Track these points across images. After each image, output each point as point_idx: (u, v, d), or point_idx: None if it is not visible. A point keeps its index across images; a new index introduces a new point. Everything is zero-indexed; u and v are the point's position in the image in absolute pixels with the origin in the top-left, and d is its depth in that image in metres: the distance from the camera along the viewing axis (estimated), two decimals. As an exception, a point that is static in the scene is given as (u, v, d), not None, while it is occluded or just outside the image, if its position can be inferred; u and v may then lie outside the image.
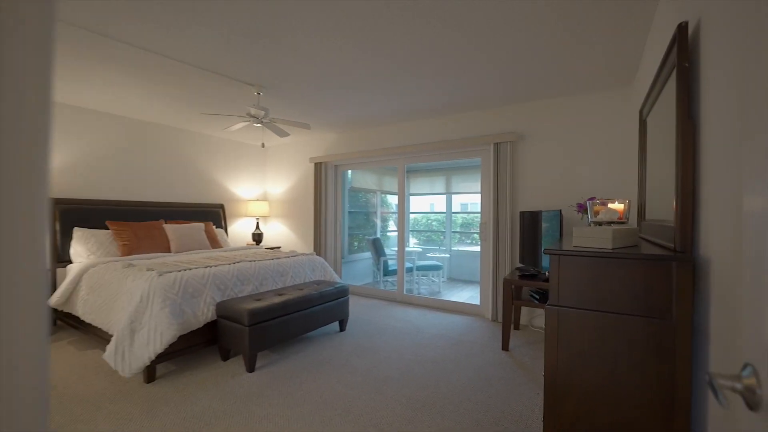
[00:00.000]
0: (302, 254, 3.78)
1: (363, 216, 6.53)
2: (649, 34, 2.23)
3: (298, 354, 2.78)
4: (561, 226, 2.65)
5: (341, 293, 3.24)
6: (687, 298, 1.13)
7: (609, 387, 1.25)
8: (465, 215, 7.40)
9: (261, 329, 2.51)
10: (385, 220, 7.00)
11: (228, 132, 4.78)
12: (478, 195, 7.09)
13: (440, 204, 7.59)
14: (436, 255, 6.47)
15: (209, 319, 2.60)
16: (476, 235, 7.13)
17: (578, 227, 1.46)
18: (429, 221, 7.82)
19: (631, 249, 1.37)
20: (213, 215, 4.83)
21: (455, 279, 6.50)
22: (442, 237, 7.42)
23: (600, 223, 1.88)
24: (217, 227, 4.83)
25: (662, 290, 1.17)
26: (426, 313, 3.94)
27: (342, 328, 3.33)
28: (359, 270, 6.03)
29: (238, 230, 5.39)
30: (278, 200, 5.63)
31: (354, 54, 2.52)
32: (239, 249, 4.22)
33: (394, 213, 7.06)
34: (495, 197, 3.64)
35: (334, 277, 3.81)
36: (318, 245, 5.01)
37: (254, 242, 5.24)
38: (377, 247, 5.35)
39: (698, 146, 1.22)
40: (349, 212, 5.78)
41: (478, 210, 7.26)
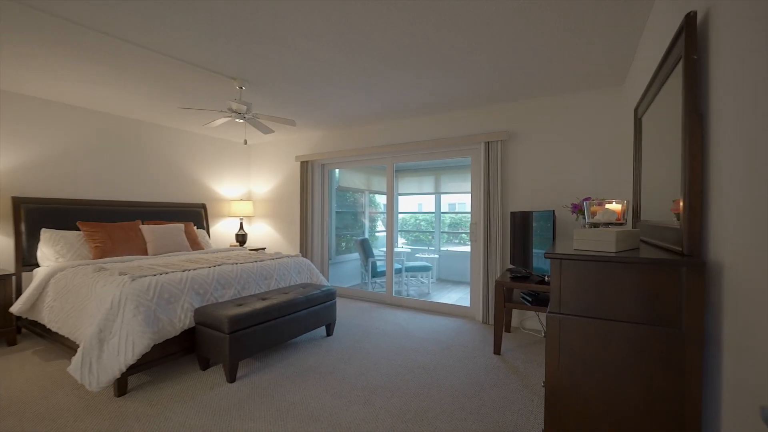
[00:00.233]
0: (287, 256, 3.64)
1: (351, 216, 6.41)
2: (644, 32, 2.19)
3: (283, 361, 2.65)
4: (554, 227, 2.59)
5: (328, 297, 3.12)
6: (698, 306, 1.06)
7: (613, 399, 1.17)
8: (453, 215, 7.36)
9: (242, 337, 2.37)
10: (373, 221, 6.89)
11: (209, 128, 4.60)
12: (467, 195, 7.11)
13: (428, 204, 7.52)
14: (425, 255, 6.39)
15: (187, 327, 2.44)
16: (464, 235, 7.09)
17: (579, 229, 1.38)
18: (417, 221, 7.75)
19: (633, 252, 1.30)
20: (194, 215, 4.64)
21: (444, 280, 6.44)
22: (430, 237, 7.36)
23: (597, 225, 1.82)
24: (199, 228, 4.64)
25: (670, 297, 1.10)
26: (415, 316, 3.85)
27: (329, 333, 3.21)
28: (347, 271, 5.91)
29: (221, 231, 5.20)
30: (263, 200, 5.46)
31: (341, 47, 2.40)
32: (221, 251, 4.04)
33: (383, 213, 6.96)
34: (485, 197, 3.57)
35: (321, 280, 3.68)
36: (304, 246, 4.87)
37: (238, 243, 5.06)
38: (365, 248, 5.23)
39: (707, 143, 1.15)
40: (337, 212, 5.65)
41: (466, 210, 7.27)
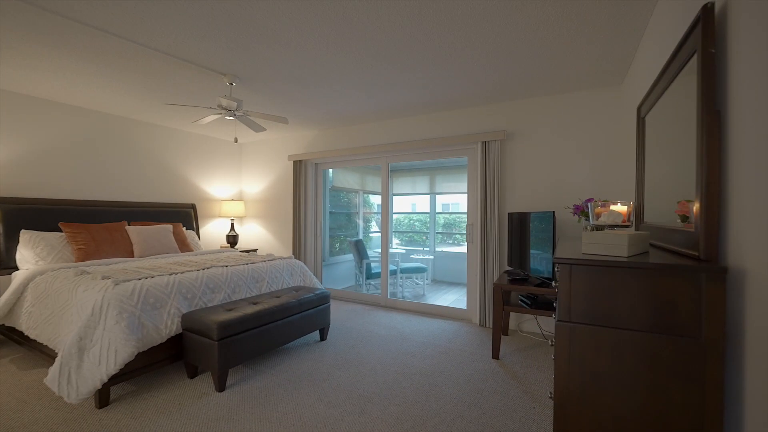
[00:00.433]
0: (280, 258, 3.54)
1: (344, 216, 6.31)
2: (647, 30, 2.14)
3: (275, 368, 2.55)
4: (554, 229, 2.53)
5: (322, 300, 3.03)
6: (719, 315, 0.99)
7: (627, 414, 1.10)
8: (447, 215, 7.29)
9: (232, 343, 2.26)
10: (367, 221, 6.80)
11: (198, 126, 4.47)
12: (462, 195, 7.06)
13: (421, 204, 7.46)
14: (420, 257, 6.32)
15: (174, 333, 2.33)
16: (458, 236, 7.04)
17: (588, 232, 1.32)
18: (411, 221, 7.67)
19: (643, 256, 1.24)
20: (183, 216, 4.50)
21: (439, 281, 6.38)
22: (424, 237, 7.29)
23: (601, 227, 1.76)
24: (188, 229, 4.50)
25: (688, 305, 1.03)
26: (411, 319, 3.77)
27: (323, 337, 3.11)
28: (340, 273, 5.81)
29: (212, 232, 5.07)
30: (255, 200, 5.34)
31: (336, 44, 2.31)
32: (211, 252, 3.92)
33: (377, 213, 6.88)
34: (482, 198, 3.51)
35: (315, 283, 3.59)
36: (297, 248, 4.76)
37: (229, 245, 4.93)
38: (360, 250, 5.14)
39: (726, 141, 1.09)
40: (330, 213, 5.55)
41: (461, 210, 7.22)
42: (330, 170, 5.27)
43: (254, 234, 5.34)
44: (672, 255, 1.27)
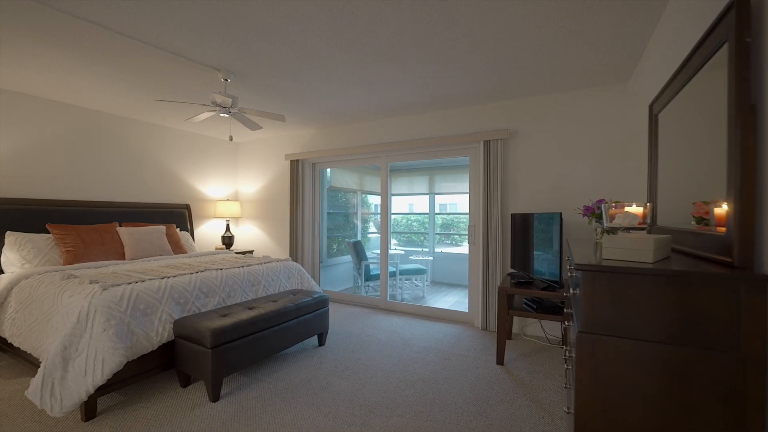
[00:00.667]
0: (276, 260, 3.43)
1: (342, 217, 6.21)
2: (659, 24, 2.06)
3: (272, 376, 2.45)
4: (561, 231, 2.45)
5: (320, 304, 2.93)
6: (760, 328, 0.91)
7: (656, 434, 1.02)
8: (445, 216, 7.20)
9: (226, 351, 2.16)
10: (365, 222, 6.70)
11: (192, 124, 4.35)
12: (460, 195, 6.98)
13: (419, 204, 7.36)
14: (419, 258, 6.23)
15: (165, 340, 2.22)
16: (457, 237, 6.95)
17: (610, 236, 1.23)
18: (409, 222, 7.58)
19: (666, 262, 1.16)
20: (177, 216, 4.38)
21: (438, 282, 6.29)
22: (422, 238, 7.20)
23: (616, 230, 1.68)
24: (182, 230, 4.38)
25: (725, 317, 0.95)
26: (412, 322, 3.68)
27: (321, 343, 3.01)
28: (338, 274, 5.71)
29: (207, 233, 4.95)
30: (251, 200, 5.22)
31: (335, 39, 2.21)
32: (206, 254, 3.81)
33: (375, 214, 6.78)
34: (485, 198, 3.42)
35: (312, 285, 3.48)
36: (294, 249, 4.65)
37: (224, 246, 4.81)
38: (358, 251, 5.04)
39: (763, 138, 1.00)
40: (328, 213, 5.44)
41: (459, 210, 7.13)
42: (328, 170, 5.17)
43: (250, 235, 5.22)
44: (696, 260, 1.18)
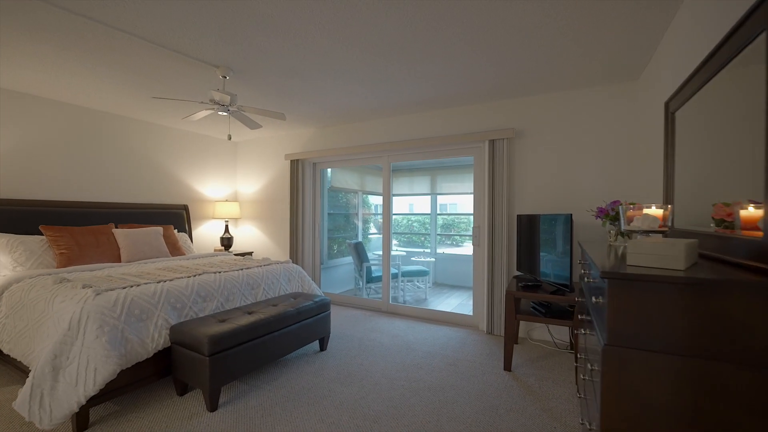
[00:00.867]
0: (276, 262, 3.35)
1: (342, 218, 6.12)
2: (674, 20, 1.98)
3: (272, 383, 2.36)
4: (572, 233, 2.37)
5: (322, 308, 2.84)
6: (810, 343, 0.83)
7: (690, 456, 0.94)
8: (446, 216, 7.11)
9: (225, 358, 2.07)
10: (365, 222, 6.62)
11: (190, 123, 4.27)
12: (461, 196, 6.89)
13: (418, 205, 7.28)
14: (421, 259, 6.14)
15: (161, 347, 2.14)
16: (457, 237, 6.87)
17: (635, 240, 1.15)
18: (410, 222, 7.49)
19: (695, 269, 1.08)
20: (174, 217, 4.29)
21: (440, 284, 6.21)
22: (423, 239, 7.12)
23: (634, 232, 1.60)
24: (180, 231, 4.29)
25: (765, 329, 0.87)
26: (415, 326, 3.59)
27: (323, 348, 2.93)
28: (339, 276, 5.62)
29: (205, 234, 4.86)
30: (250, 200, 5.13)
31: (337, 33, 2.13)
32: (204, 256, 3.72)
33: (376, 214, 6.70)
34: (490, 199, 3.34)
35: (313, 288, 3.40)
36: (294, 250, 4.57)
37: (223, 248, 4.73)
38: (360, 252, 4.96)
39: (808, 136, 0.93)
40: (328, 214, 5.36)
41: (460, 211, 7.05)
42: (328, 170, 5.09)
43: (250, 236, 5.14)
44: (726, 266, 1.10)
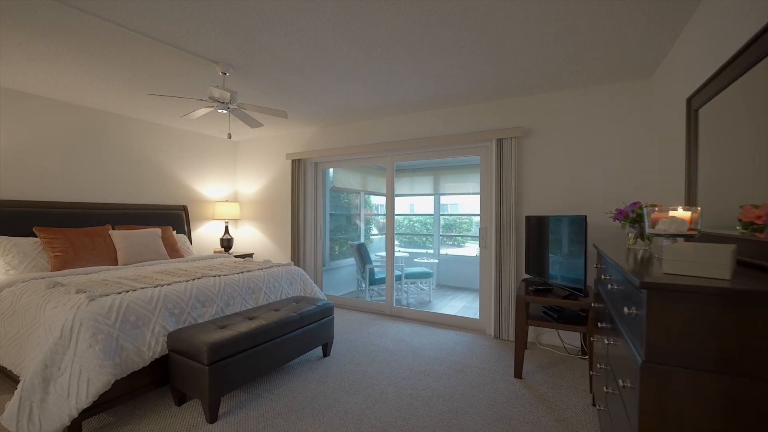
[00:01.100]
0: (278, 265, 3.25)
1: (344, 218, 6.03)
2: (695, 15, 1.89)
3: (274, 392, 2.27)
4: (586, 235, 2.28)
5: (325, 312, 2.75)
6: None
7: (742, 487, 0.84)
8: (448, 217, 7.01)
9: (225, 367, 1.98)
10: (367, 223, 6.52)
11: (189, 122, 4.17)
12: (463, 196, 6.79)
13: (419, 205, 7.19)
14: (424, 260, 6.05)
15: (159, 355, 2.04)
16: (459, 238, 6.78)
17: (671, 246, 1.06)
18: (411, 222, 7.40)
19: (737, 278, 0.98)
20: (173, 218, 4.20)
21: (444, 285, 6.11)
22: (424, 239, 7.03)
23: (659, 236, 1.52)
24: (179, 232, 4.20)
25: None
26: (420, 330, 3.50)
27: (326, 353, 2.83)
28: (341, 278, 5.53)
29: (205, 235, 4.76)
30: (251, 201, 5.04)
31: (342, 26, 2.03)
32: (203, 258, 3.63)
33: (377, 215, 6.61)
34: (497, 200, 3.25)
35: (316, 292, 3.30)
36: (296, 251, 4.47)
37: (223, 249, 4.63)
38: (362, 254, 4.87)
39: None
40: (330, 214, 5.26)
41: (461, 211, 6.95)
42: (330, 170, 4.99)
43: (250, 237, 5.04)
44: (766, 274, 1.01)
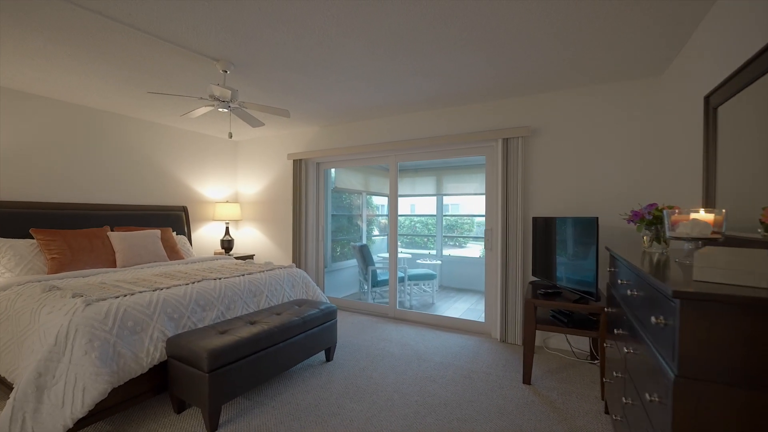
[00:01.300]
0: (279, 267, 3.19)
1: (345, 219, 5.96)
2: (715, 5, 1.82)
3: (276, 399, 2.20)
4: (597, 237, 2.21)
5: (328, 316, 2.68)
6: None
7: None
8: (450, 218, 6.94)
9: (225, 374, 1.91)
10: (369, 224, 6.46)
11: (189, 121, 4.11)
12: (465, 197, 6.72)
13: (420, 205, 7.13)
14: (427, 262, 5.98)
15: (157, 361, 1.98)
16: (461, 239, 6.71)
17: (702, 251, 0.99)
18: (412, 223, 7.33)
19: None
20: (173, 219, 4.13)
21: (446, 287, 6.04)
22: (426, 240, 6.97)
23: (680, 239, 1.45)
24: (179, 234, 4.14)
25: None
26: (425, 333, 3.43)
27: (329, 358, 2.77)
28: (343, 279, 5.46)
29: (205, 236, 4.70)
30: (252, 202, 4.98)
31: (346, 21, 1.97)
32: (203, 260, 3.56)
33: (380, 216, 6.54)
34: (503, 201, 3.18)
35: (318, 294, 3.24)
36: (297, 253, 4.41)
37: (223, 251, 4.57)
38: (365, 255, 4.80)
39: None
40: (332, 215, 5.20)
41: (462, 212, 6.88)
42: (332, 170, 4.93)
43: (251, 238, 4.98)
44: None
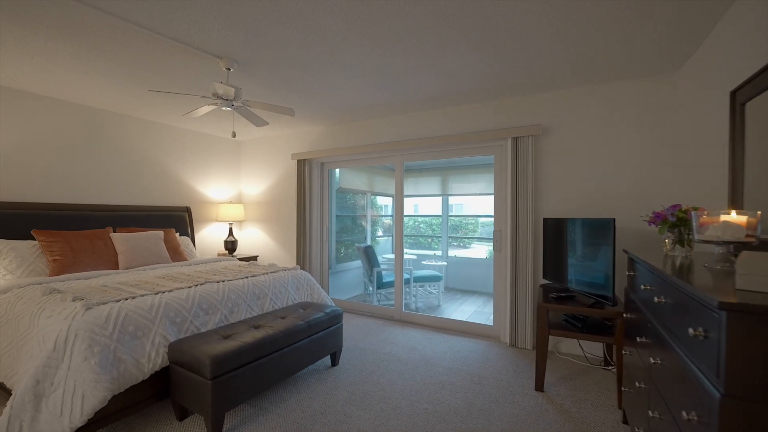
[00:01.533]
0: (284, 269, 3.13)
1: (350, 220, 5.90)
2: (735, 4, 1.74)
3: (281, 406, 2.14)
4: (614, 240, 2.13)
5: (334, 320, 2.62)
6: None
7: None
8: (454, 218, 6.85)
9: (229, 381, 1.85)
10: (373, 224, 6.39)
11: (192, 121, 4.06)
12: (469, 197, 6.63)
13: (424, 206, 7.05)
14: (432, 263, 5.91)
15: (159, 367, 1.92)
16: (466, 240, 6.63)
17: (745, 256, 0.91)
18: (416, 224, 7.25)
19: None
20: (176, 220, 4.09)
21: (452, 288, 5.96)
22: (430, 240, 6.89)
23: (710, 243, 1.37)
24: (182, 235, 4.09)
25: None
26: (432, 337, 3.36)
27: (334, 362, 2.70)
28: (347, 281, 5.40)
29: (208, 237, 4.65)
30: (255, 202, 4.92)
31: (351, 17, 1.90)
32: (207, 262, 3.51)
33: (384, 216, 6.47)
34: (513, 201, 3.10)
35: (323, 297, 3.17)
36: (301, 254, 4.35)
37: (227, 252, 4.52)
38: (370, 256, 4.73)
39: None
40: (336, 216, 5.14)
41: (466, 212, 6.79)
42: (337, 170, 4.87)
43: (255, 239, 4.92)
44: None
